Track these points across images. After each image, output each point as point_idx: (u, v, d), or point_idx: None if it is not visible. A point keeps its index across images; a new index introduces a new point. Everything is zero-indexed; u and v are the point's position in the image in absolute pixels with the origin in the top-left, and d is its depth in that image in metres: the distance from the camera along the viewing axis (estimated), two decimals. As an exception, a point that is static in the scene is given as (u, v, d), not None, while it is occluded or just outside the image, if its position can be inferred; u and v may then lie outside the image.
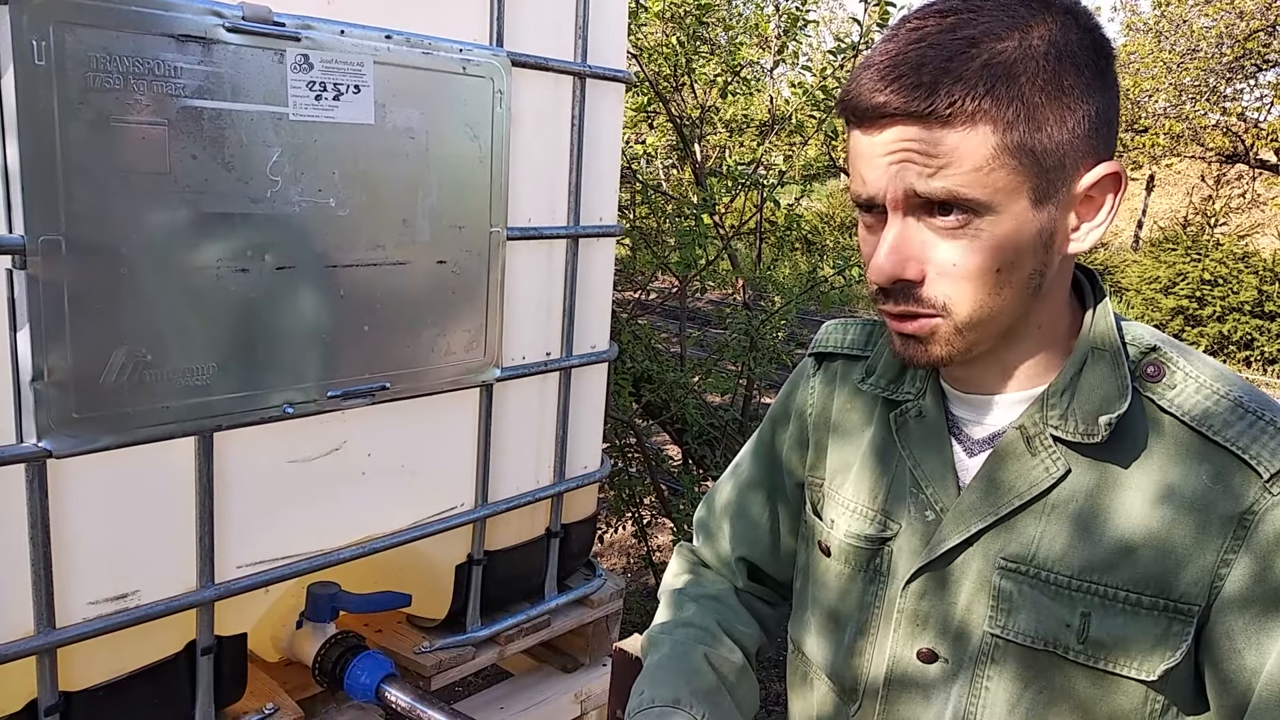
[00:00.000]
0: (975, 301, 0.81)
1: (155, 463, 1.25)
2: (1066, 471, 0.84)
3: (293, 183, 1.28)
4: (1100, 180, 0.79)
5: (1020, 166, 0.77)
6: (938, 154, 0.78)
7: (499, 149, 1.52)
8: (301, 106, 1.27)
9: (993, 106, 0.75)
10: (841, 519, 0.97)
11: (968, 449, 0.90)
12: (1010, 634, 0.85)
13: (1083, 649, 0.82)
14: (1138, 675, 0.81)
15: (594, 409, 1.90)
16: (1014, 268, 0.80)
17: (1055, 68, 0.76)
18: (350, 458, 1.47)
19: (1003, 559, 0.85)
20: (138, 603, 1.26)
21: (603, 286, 1.85)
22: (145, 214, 1.15)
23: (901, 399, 0.94)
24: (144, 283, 1.17)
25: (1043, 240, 0.80)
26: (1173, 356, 0.84)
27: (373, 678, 1.51)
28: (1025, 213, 0.78)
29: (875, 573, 0.94)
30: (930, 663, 0.89)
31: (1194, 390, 0.82)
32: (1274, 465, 0.78)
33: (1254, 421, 0.80)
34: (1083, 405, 0.83)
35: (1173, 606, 0.80)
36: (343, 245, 1.35)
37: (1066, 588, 0.82)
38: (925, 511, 0.90)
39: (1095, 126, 0.78)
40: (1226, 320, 9.68)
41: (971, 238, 0.79)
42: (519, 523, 1.79)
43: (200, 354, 1.24)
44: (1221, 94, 9.51)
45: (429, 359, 1.51)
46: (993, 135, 0.76)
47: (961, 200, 0.78)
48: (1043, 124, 0.76)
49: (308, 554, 1.44)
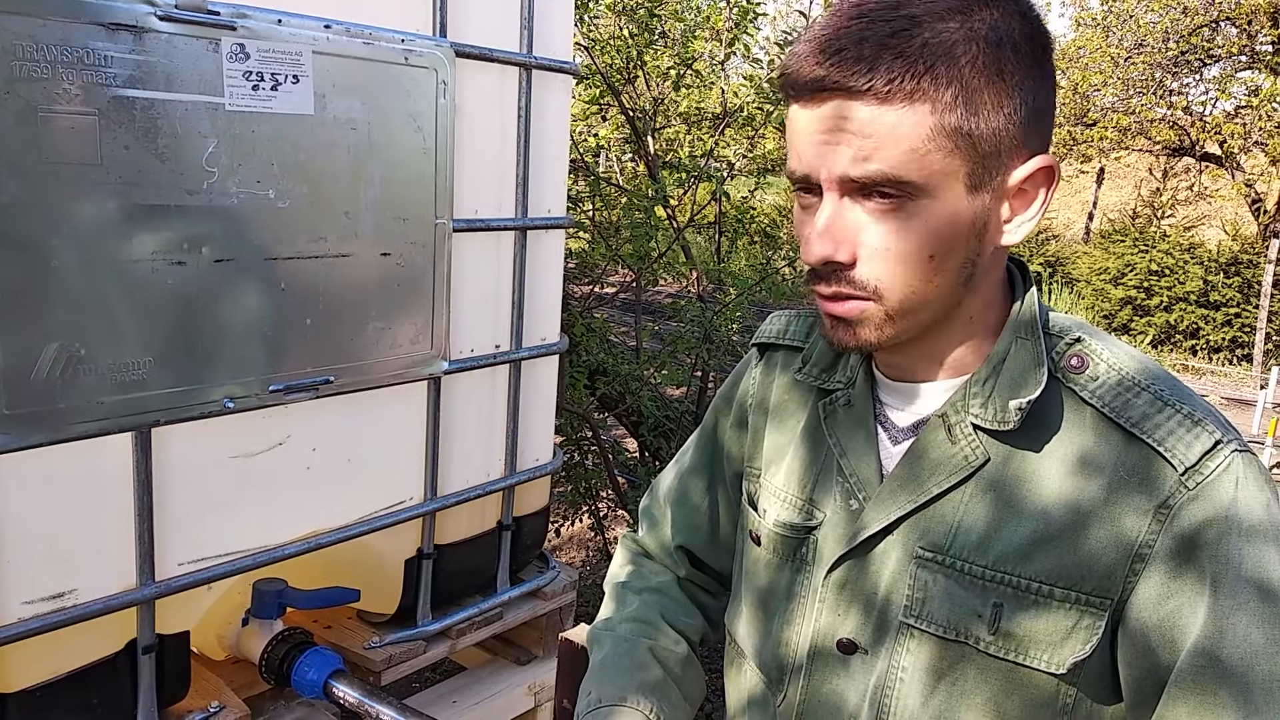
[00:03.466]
0: (907, 286, 0.80)
1: (92, 459, 1.22)
2: (986, 460, 0.83)
3: (230, 174, 1.26)
4: (1034, 173, 0.79)
5: (956, 150, 0.76)
6: (873, 133, 0.76)
7: (443, 140, 1.51)
8: (238, 97, 1.25)
9: (931, 86, 0.75)
10: (772, 508, 0.97)
11: (893, 436, 0.90)
12: (924, 623, 0.84)
13: (993, 640, 0.81)
14: (1047, 668, 0.80)
15: (545, 401, 1.90)
16: (948, 254, 0.79)
17: (996, 53, 0.76)
18: (294, 453, 1.45)
19: (920, 547, 0.85)
20: (75, 601, 1.24)
21: (552, 278, 1.84)
22: (77, 205, 1.13)
23: (832, 387, 0.95)
24: (76, 276, 1.15)
25: (976, 229, 0.79)
26: (1096, 348, 0.84)
27: (320, 674, 1.49)
28: (960, 199, 0.78)
29: (801, 561, 0.93)
30: (850, 653, 0.89)
31: (1115, 382, 0.82)
32: (1189, 458, 0.77)
33: (1172, 414, 0.79)
34: (1002, 393, 0.83)
35: (1084, 599, 0.79)
36: (283, 238, 1.34)
37: (980, 578, 0.82)
38: (849, 500, 0.90)
39: (1032, 117, 0.78)
40: (1173, 310, 9.89)
41: (905, 221, 0.78)
42: (470, 516, 1.79)
43: (136, 348, 1.22)
44: (1167, 88, 9.70)
45: (374, 352, 1.50)
46: (930, 116, 0.75)
47: (895, 181, 0.77)
48: (980, 108, 0.76)
49: (252, 550, 1.42)
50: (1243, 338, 9.72)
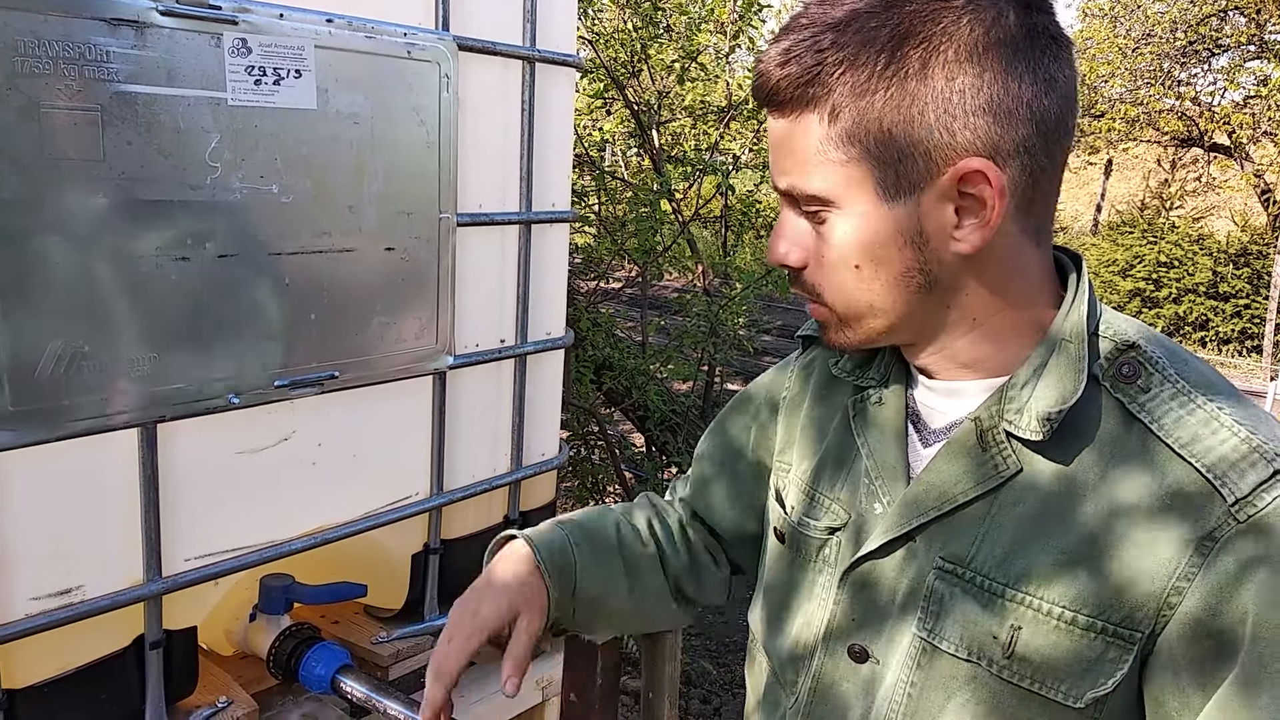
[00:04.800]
0: (843, 294, 0.80)
1: (98, 455, 1.22)
2: (1018, 471, 0.78)
3: (233, 169, 1.26)
4: (966, 177, 0.73)
5: (853, 159, 0.74)
6: (781, 147, 0.78)
7: (447, 134, 1.51)
8: (240, 91, 1.25)
9: (819, 94, 0.73)
10: (799, 506, 0.94)
11: (924, 439, 0.86)
12: (937, 639, 0.80)
13: (1007, 664, 0.76)
14: (1064, 700, 0.75)
15: (551, 396, 1.90)
16: (877, 265, 0.77)
17: (898, 59, 0.72)
18: (300, 448, 1.45)
19: (941, 558, 0.80)
20: (82, 598, 1.24)
21: (557, 272, 1.84)
22: (80, 202, 1.13)
23: (865, 384, 0.91)
24: (80, 272, 1.15)
25: (907, 238, 0.76)
26: (1154, 356, 0.77)
27: (328, 669, 1.49)
28: (875, 208, 0.75)
29: (823, 563, 0.91)
30: (861, 661, 0.86)
31: (1169, 397, 0.75)
32: (1241, 489, 0.70)
33: (1228, 437, 0.72)
34: (1039, 400, 0.77)
35: (1112, 630, 0.73)
36: (286, 233, 1.33)
37: (1000, 596, 0.77)
38: (874, 503, 0.86)
39: (967, 118, 0.72)
40: (1182, 302, 9.86)
41: (829, 232, 0.78)
42: (476, 511, 1.78)
43: (140, 344, 1.22)
44: (1176, 78, 9.65)
45: (379, 347, 1.49)
46: (819, 126, 0.74)
47: (801, 194, 0.77)
48: (878, 116, 0.73)
49: (258, 546, 1.42)
50: (1252, 329, 9.68)
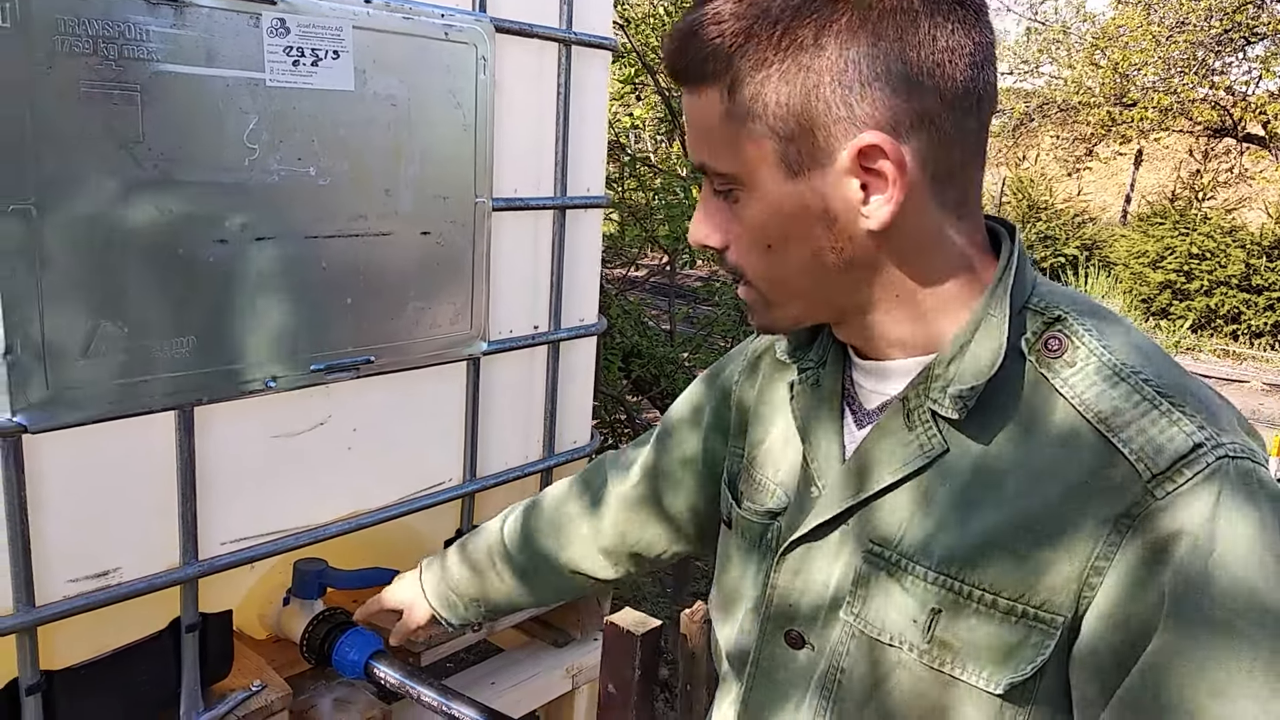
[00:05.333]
0: (761, 273, 0.79)
1: (135, 438, 1.22)
2: (944, 450, 0.76)
3: (271, 151, 1.25)
4: (865, 151, 0.70)
5: (754, 134, 0.72)
6: (692, 123, 0.77)
7: (483, 117, 1.49)
8: (278, 72, 1.24)
9: (718, 69, 0.72)
10: (748, 492, 0.94)
11: (858, 420, 0.85)
12: (863, 624, 0.79)
13: (928, 649, 0.75)
14: (984, 686, 0.73)
15: (583, 383, 1.88)
16: (785, 243, 0.75)
17: (791, 28, 0.70)
18: (335, 433, 1.45)
19: (870, 540, 0.79)
20: (119, 580, 1.24)
21: (590, 259, 1.82)
22: (118, 182, 1.12)
23: (805, 365, 0.89)
24: (118, 253, 1.14)
25: (813, 215, 0.74)
26: (1078, 330, 0.75)
27: (361, 654, 1.49)
28: (779, 185, 0.73)
29: (765, 548, 0.90)
30: (798, 647, 0.85)
31: (1094, 370, 0.72)
32: (1159, 463, 0.67)
33: (1148, 410, 0.70)
34: (964, 376, 0.75)
35: (1031, 614, 0.71)
36: (323, 216, 1.32)
37: (922, 579, 0.76)
38: (810, 486, 0.85)
39: (850, 93, 0.70)
40: (1214, 294, 9.72)
41: (739, 210, 0.77)
42: (508, 498, 1.77)
43: (179, 327, 1.21)
44: (1210, 67, 9.50)
45: (414, 332, 1.49)
46: (719, 101, 0.73)
47: (711, 170, 0.76)
48: (774, 88, 0.71)
49: (293, 530, 1.42)
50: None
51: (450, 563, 1.30)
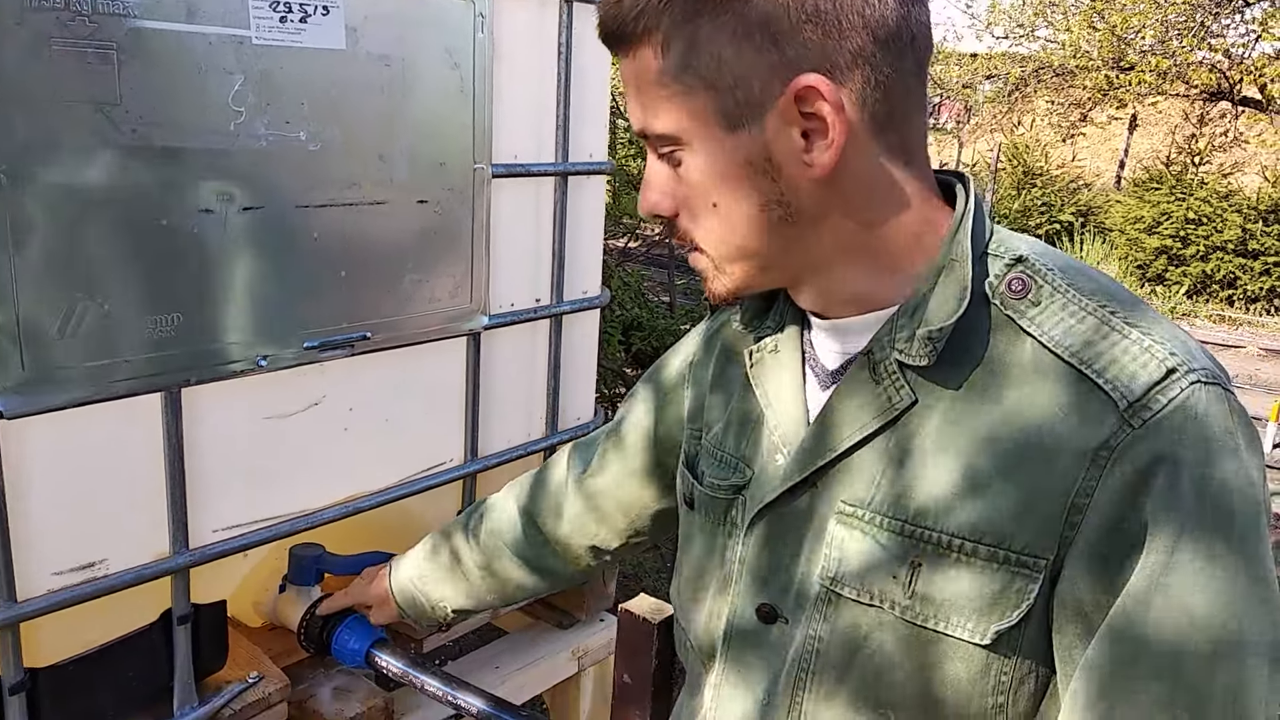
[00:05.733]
0: (713, 236, 0.77)
1: (120, 422, 1.15)
2: (913, 402, 0.74)
3: (258, 114, 1.17)
4: (802, 94, 0.70)
5: (692, 89, 0.71)
6: (630, 86, 0.75)
7: (482, 79, 1.41)
8: (265, 29, 1.16)
9: (648, 25, 0.71)
10: (708, 469, 0.91)
11: (822, 381, 0.83)
12: (840, 586, 0.77)
13: (910, 604, 0.73)
14: (970, 638, 0.71)
15: (586, 358, 1.82)
16: (734, 200, 0.74)
17: None
18: (331, 413, 1.38)
19: (843, 501, 0.77)
20: (106, 572, 1.18)
21: (593, 228, 1.75)
22: (96, 148, 1.05)
23: (763, 333, 0.87)
24: (97, 225, 1.07)
25: (756, 168, 0.73)
26: (1042, 269, 0.74)
27: (362, 643, 1.43)
28: (720, 140, 0.72)
29: (731, 524, 0.87)
30: (770, 621, 0.82)
31: (1060, 307, 0.72)
32: (1133, 391, 0.67)
33: (1118, 340, 0.69)
34: (926, 326, 0.74)
35: (1014, 559, 0.70)
36: (315, 184, 1.25)
37: (900, 534, 0.74)
38: (775, 454, 0.83)
39: (782, 39, 0.70)
40: (1210, 259, 9.69)
41: (685, 171, 0.75)
42: (510, 477, 1.71)
43: (164, 303, 1.14)
44: (1208, 29, 9.39)
45: (411, 306, 1.41)
46: (654, 59, 0.72)
47: (651, 133, 0.74)
48: (707, 40, 0.70)
49: (288, 515, 1.36)
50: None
51: (416, 561, 1.31)
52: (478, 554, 1.25)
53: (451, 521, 1.32)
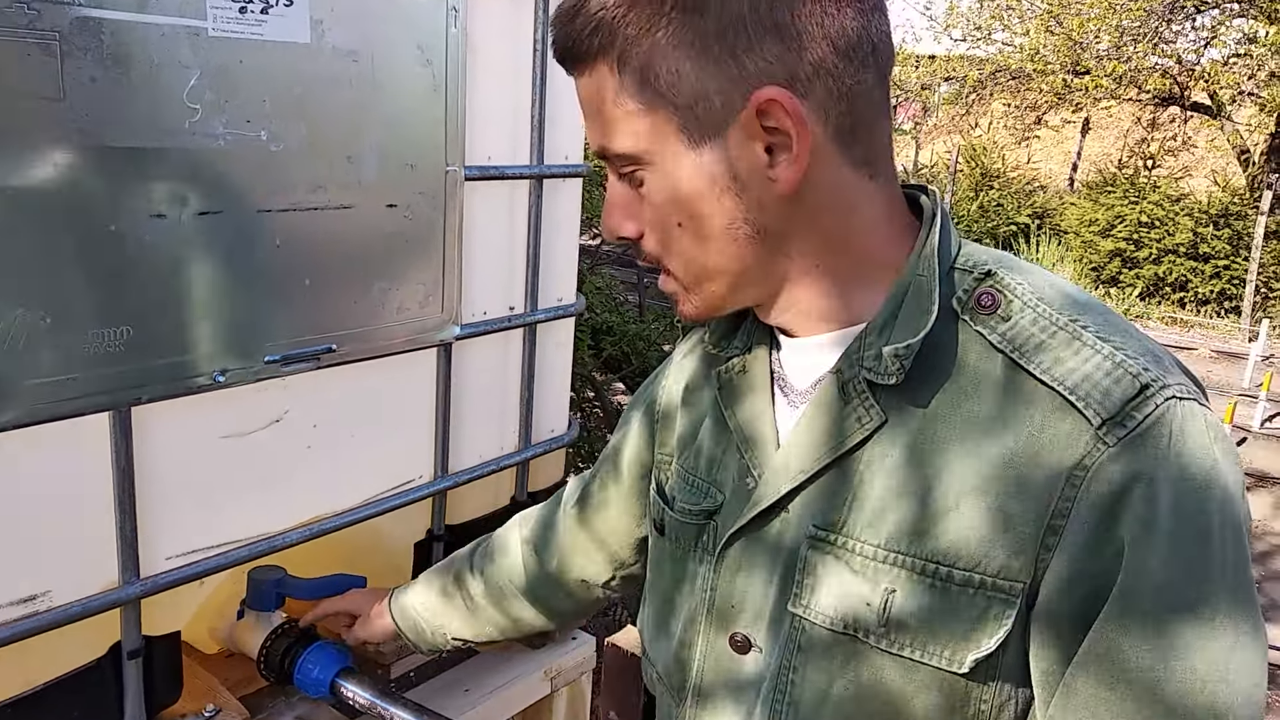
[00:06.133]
0: (680, 257, 0.75)
1: (65, 443, 1.06)
2: (883, 421, 0.72)
3: (215, 112, 1.09)
4: (764, 108, 0.69)
5: (650, 107, 0.69)
6: (586, 108, 0.73)
7: (454, 76, 1.34)
8: (222, 21, 1.07)
9: (603, 44, 0.69)
10: (680, 494, 0.88)
11: (791, 401, 0.81)
12: (812, 614, 0.74)
13: (884, 633, 0.71)
14: (947, 666, 0.70)
15: (560, 368, 1.75)
16: (699, 219, 0.72)
17: None
18: (293, 430, 1.30)
19: (814, 525, 0.75)
20: (49, 605, 1.09)
21: (569, 233, 1.68)
22: (37, 147, 0.96)
23: (730, 354, 0.85)
24: (38, 231, 0.98)
25: (721, 185, 0.71)
26: (1010, 284, 0.72)
27: (326, 672, 1.35)
28: (682, 158, 0.71)
29: (702, 550, 0.85)
30: (744, 651, 0.80)
31: (1030, 322, 0.70)
32: (1107, 408, 0.65)
33: (1090, 355, 0.67)
34: (894, 342, 0.72)
35: (990, 584, 0.68)
36: (277, 187, 1.17)
37: (872, 559, 0.72)
38: (745, 478, 0.81)
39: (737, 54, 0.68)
40: (1162, 262, 9.85)
41: (648, 192, 0.73)
42: (482, 493, 1.64)
43: (112, 315, 1.05)
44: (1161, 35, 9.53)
45: (380, 316, 1.34)
46: (611, 77, 0.70)
47: (611, 153, 0.72)
48: (663, 56, 0.68)
49: (248, 540, 1.27)
50: (1231, 290, 9.69)
51: (419, 586, 1.30)
52: (483, 589, 1.23)
53: (457, 554, 1.30)
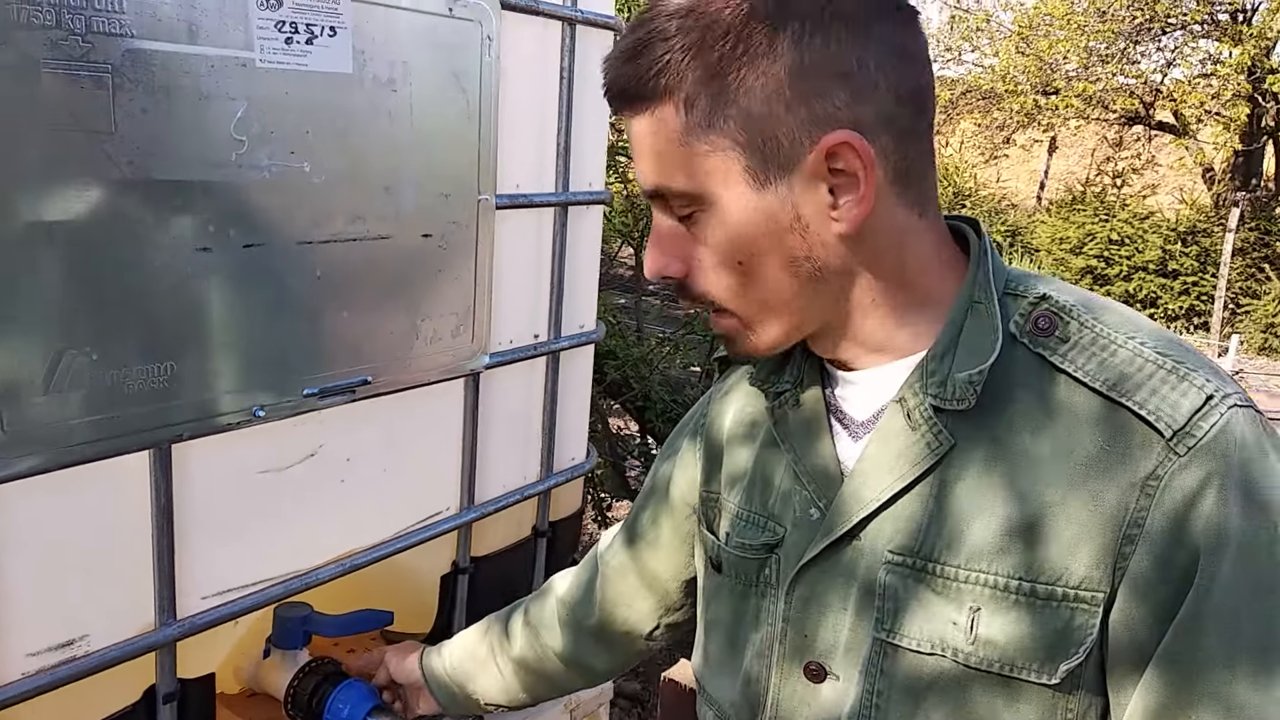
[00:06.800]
0: (735, 295, 0.75)
1: (104, 483, 1.03)
2: (952, 445, 0.74)
3: (261, 144, 1.07)
4: (832, 152, 0.71)
5: (717, 148, 0.70)
6: (642, 146, 0.73)
7: (488, 104, 1.33)
8: (270, 51, 1.06)
9: (673, 84, 0.70)
10: (735, 530, 0.89)
11: (852, 433, 0.82)
12: (898, 638, 0.75)
13: (973, 651, 0.72)
14: (1038, 679, 0.71)
15: (580, 395, 1.73)
16: (758, 258, 0.73)
17: (742, 35, 0.69)
18: (328, 463, 1.27)
19: (890, 551, 0.76)
20: (87, 650, 1.05)
21: (590, 260, 1.67)
22: (88, 182, 0.93)
23: (781, 389, 0.86)
24: (87, 267, 0.95)
25: (784, 225, 0.72)
26: (1068, 305, 0.75)
27: (357, 711, 1.32)
28: (746, 197, 0.72)
29: (765, 584, 0.85)
30: (819, 680, 0.80)
31: (1089, 342, 0.73)
32: (1176, 420, 0.68)
33: (1154, 370, 0.70)
34: (960, 368, 0.75)
35: (1072, 595, 0.70)
36: (319, 218, 1.15)
37: (954, 579, 0.74)
38: (809, 509, 0.82)
39: (811, 95, 0.70)
40: (1132, 279, 10.00)
41: (704, 231, 0.74)
42: (506, 524, 1.62)
43: (157, 351, 1.03)
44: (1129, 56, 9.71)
45: (413, 347, 1.32)
46: (675, 117, 0.70)
47: (670, 192, 0.73)
48: (734, 97, 0.69)
49: (284, 576, 1.24)
50: (1200, 306, 9.86)
51: (452, 650, 1.27)
52: (520, 655, 1.21)
53: (491, 619, 1.27)
